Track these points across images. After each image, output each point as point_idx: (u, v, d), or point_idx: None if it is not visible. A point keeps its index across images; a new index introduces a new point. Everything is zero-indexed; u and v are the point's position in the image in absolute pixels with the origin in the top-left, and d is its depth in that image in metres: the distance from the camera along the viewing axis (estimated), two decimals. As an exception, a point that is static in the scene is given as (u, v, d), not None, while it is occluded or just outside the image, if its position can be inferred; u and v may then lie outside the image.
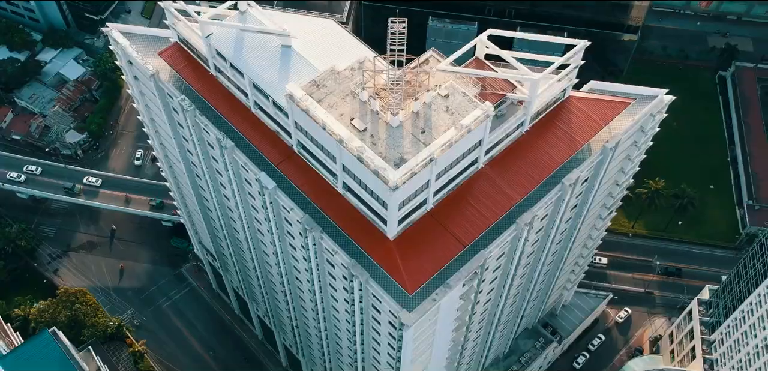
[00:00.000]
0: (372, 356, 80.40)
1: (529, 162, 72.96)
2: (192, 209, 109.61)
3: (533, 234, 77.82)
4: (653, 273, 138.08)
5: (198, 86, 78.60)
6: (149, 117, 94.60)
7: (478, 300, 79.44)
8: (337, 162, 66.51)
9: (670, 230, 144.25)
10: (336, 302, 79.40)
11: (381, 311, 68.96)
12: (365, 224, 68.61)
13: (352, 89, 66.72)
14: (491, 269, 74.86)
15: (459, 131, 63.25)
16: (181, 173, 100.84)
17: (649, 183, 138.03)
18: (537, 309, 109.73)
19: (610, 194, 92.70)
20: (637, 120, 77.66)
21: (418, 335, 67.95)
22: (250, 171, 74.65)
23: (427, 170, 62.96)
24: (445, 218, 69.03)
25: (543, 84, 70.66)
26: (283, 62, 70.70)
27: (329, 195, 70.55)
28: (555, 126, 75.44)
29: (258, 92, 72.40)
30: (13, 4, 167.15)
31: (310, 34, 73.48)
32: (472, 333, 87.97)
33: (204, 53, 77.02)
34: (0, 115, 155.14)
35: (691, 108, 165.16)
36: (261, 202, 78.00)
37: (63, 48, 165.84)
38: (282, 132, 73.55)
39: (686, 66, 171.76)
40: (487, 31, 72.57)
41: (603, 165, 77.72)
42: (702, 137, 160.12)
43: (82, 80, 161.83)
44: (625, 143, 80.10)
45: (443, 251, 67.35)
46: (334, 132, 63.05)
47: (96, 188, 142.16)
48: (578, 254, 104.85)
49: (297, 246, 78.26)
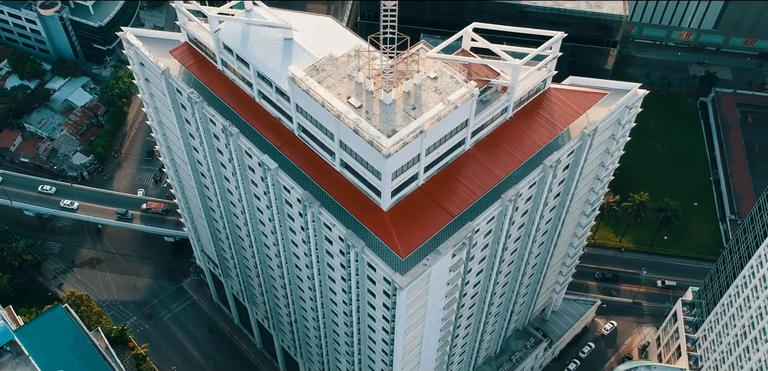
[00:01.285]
0: (368, 336, 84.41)
1: (512, 144, 78.77)
2: (196, 213, 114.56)
3: (519, 216, 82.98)
4: (641, 285, 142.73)
5: (205, 80, 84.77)
6: (158, 120, 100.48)
7: (467, 281, 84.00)
8: (335, 139, 72.18)
9: (656, 244, 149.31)
10: (333, 282, 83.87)
11: (376, 281, 73.54)
12: (361, 198, 73.88)
13: (348, 73, 72.89)
14: (479, 247, 79.75)
15: (446, 106, 69.15)
16: (186, 175, 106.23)
17: (634, 197, 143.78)
18: (527, 307, 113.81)
19: (592, 190, 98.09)
20: (613, 110, 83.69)
21: (411, 302, 72.44)
22: (254, 156, 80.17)
23: (417, 141, 68.59)
24: (435, 193, 74.39)
25: (524, 71, 76.95)
26: (286, 52, 77.02)
27: (327, 174, 76.02)
28: (537, 113, 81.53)
29: (262, 81, 78.51)
30: (25, 35, 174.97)
31: (310, 29, 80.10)
32: (463, 319, 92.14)
33: (212, 49, 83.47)
34: (9, 138, 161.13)
35: (674, 132, 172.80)
36: (263, 188, 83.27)
37: (71, 76, 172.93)
38: (283, 118, 79.38)
39: (669, 93, 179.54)
40: (473, 24, 79.23)
41: (582, 151, 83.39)
42: (685, 158, 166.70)
43: (89, 106, 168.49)
44: (602, 132, 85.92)
45: (433, 222, 72.49)
46: (332, 107, 68.91)
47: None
48: (565, 254, 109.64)
49: (297, 229, 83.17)
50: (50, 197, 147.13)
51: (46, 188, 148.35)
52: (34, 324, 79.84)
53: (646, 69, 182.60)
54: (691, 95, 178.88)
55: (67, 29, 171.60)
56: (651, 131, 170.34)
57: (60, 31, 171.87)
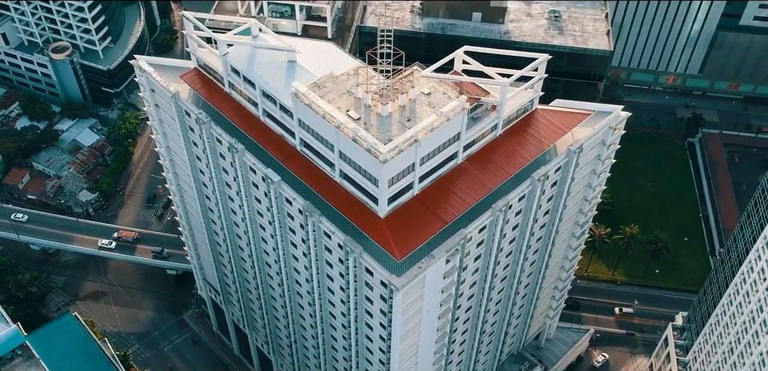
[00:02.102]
0: (365, 347, 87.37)
1: (502, 159, 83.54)
2: (199, 239, 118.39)
3: (509, 230, 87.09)
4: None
5: (213, 102, 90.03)
6: (166, 145, 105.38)
7: (461, 293, 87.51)
8: (335, 150, 76.94)
9: (648, 277, 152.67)
10: (332, 294, 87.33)
11: (373, 286, 77.13)
12: (359, 206, 78.19)
13: (348, 89, 78.19)
14: (472, 257, 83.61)
15: (439, 117, 74.20)
16: (191, 201, 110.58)
17: (625, 230, 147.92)
18: (521, 330, 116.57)
19: (580, 211, 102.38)
20: (597, 129, 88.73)
21: (407, 305, 75.87)
22: (258, 171, 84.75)
23: (412, 149, 73.35)
24: (429, 202, 78.75)
25: (512, 90, 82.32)
26: (289, 73, 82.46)
27: (327, 185, 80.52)
28: (525, 131, 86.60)
29: (267, 99, 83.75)
30: (36, 79, 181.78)
31: (312, 52, 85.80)
32: (458, 334, 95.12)
33: (220, 72, 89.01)
34: (18, 177, 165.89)
35: (663, 171, 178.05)
36: (266, 203, 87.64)
37: (79, 118, 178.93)
38: (286, 135, 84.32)
39: (658, 134, 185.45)
40: (464, 47, 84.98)
41: (569, 167, 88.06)
42: (675, 195, 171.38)
43: (96, 146, 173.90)
44: (588, 152, 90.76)
45: (428, 228, 76.65)
46: (333, 118, 73.92)
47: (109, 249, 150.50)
48: (556, 277, 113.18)
49: (297, 242, 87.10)
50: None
51: (18, 217, 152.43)
52: (44, 329, 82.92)
53: (635, 111, 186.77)
54: (679, 135, 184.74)
55: (77, 73, 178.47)
56: (641, 170, 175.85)
57: (70, 74, 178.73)
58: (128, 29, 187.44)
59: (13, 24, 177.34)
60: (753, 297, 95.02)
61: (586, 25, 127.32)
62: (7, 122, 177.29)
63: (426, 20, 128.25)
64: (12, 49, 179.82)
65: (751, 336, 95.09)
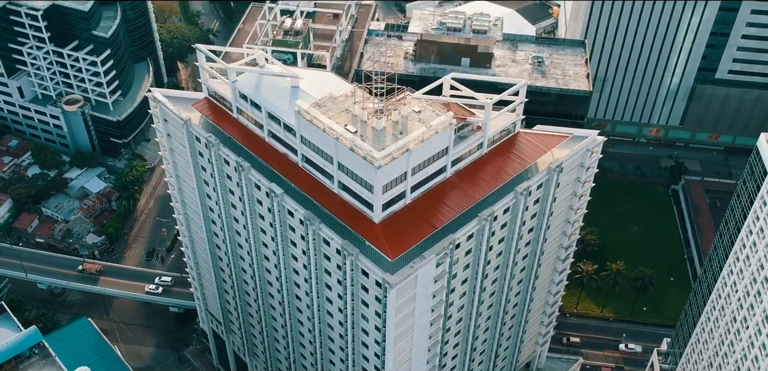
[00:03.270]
0: (361, 354, 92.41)
1: (488, 174, 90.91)
2: (203, 268, 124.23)
3: (496, 242, 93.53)
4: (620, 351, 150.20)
5: (222, 126, 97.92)
6: (176, 174, 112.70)
7: (452, 303, 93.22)
8: (334, 162, 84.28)
9: (635, 314, 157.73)
10: (330, 304, 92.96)
11: (369, 288, 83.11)
12: (356, 214, 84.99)
13: (346, 107, 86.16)
14: (461, 266, 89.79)
15: (428, 129, 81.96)
16: (197, 228, 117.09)
17: (611, 266, 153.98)
18: (512, 354, 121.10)
19: (564, 233, 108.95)
20: (575, 150, 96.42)
21: (400, 304, 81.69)
22: (263, 187, 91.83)
23: (404, 158, 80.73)
24: (420, 210, 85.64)
25: (495, 113, 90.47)
26: (293, 96, 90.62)
27: (327, 196, 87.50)
28: (508, 150, 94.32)
29: (272, 120, 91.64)
30: (48, 131, 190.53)
31: (314, 79, 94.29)
32: (449, 346, 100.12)
33: (229, 99, 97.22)
34: (27, 221, 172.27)
35: (649, 216, 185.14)
36: (270, 219, 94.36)
37: (88, 167, 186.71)
38: (289, 153, 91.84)
39: (643, 182, 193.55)
40: (451, 74, 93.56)
41: (550, 184, 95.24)
42: (660, 238, 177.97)
43: (103, 193, 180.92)
44: (568, 172, 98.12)
45: (419, 232, 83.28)
46: (332, 131, 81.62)
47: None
48: (544, 301, 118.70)
49: (298, 255, 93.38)
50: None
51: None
52: (60, 332, 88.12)
53: (621, 161, 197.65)
54: (663, 183, 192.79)
55: (88, 124, 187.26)
56: (627, 215, 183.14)
57: (80, 125, 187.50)
58: (137, 84, 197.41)
59: (29, 78, 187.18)
60: (727, 309, 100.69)
61: (567, 70, 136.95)
62: (19, 170, 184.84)
63: (418, 65, 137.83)
64: (27, 102, 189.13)
65: (727, 347, 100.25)
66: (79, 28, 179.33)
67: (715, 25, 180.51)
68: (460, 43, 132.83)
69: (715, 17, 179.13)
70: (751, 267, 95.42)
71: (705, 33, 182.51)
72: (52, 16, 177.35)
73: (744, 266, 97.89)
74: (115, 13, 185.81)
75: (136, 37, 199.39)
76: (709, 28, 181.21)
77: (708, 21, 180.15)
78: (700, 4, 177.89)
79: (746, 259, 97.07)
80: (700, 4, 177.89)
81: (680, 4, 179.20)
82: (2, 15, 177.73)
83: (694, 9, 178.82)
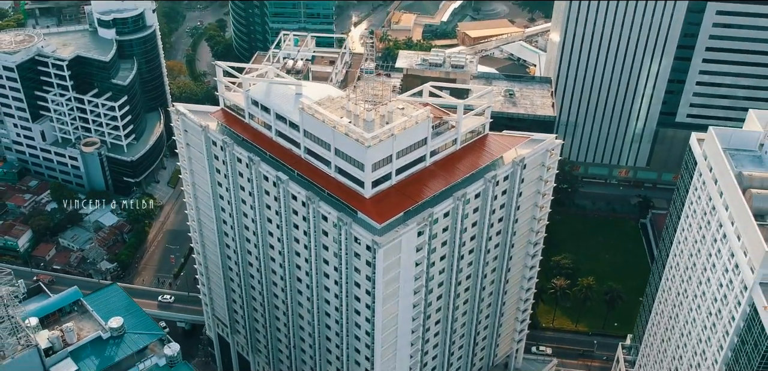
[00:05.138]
0: (354, 322, 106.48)
1: (461, 164, 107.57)
2: (213, 271, 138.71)
3: (469, 225, 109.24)
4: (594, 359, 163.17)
5: (236, 130, 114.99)
6: (192, 181, 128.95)
7: (432, 277, 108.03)
8: (331, 149, 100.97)
9: (607, 328, 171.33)
10: (327, 278, 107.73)
11: (360, 254, 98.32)
12: (350, 192, 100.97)
13: (341, 106, 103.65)
14: (440, 241, 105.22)
15: (410, 119, 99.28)
16: (209, 232, 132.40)
17: (581, 281, 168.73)
18: (490, 344, 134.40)
19: (531, 229, 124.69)
20: (536, 149, 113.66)
21: (387, 265, 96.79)
22: (270, 177, 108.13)
23: (389, 142, 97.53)
24: (404, 189, 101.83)
25: (467, 111, 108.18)
26: (296, 100, 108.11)
27: (325, 179, 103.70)
28: (479, 147, 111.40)
29: (279, 120, 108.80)
30: (65, 171, 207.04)
31: (314, 88, 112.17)
32: (431, 321, 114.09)
33: (242, 106, 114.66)
34: (45, 250, 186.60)
35: (620, 246, 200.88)
36: (276, 207, 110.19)
37: (101, 204, 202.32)
38: (294, 147, 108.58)
39: (614, 217, 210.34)
40: (430, 83, 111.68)
41: (516, 176, 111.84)
42: (630, 265, 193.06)
43: (116, 226, 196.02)
44: (530, 169, 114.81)
45: (402, 204, 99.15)
46: (331, 120, 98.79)
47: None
48: (518, 296, 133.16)
49: (300, 237, 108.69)
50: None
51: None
52: (95, 294, 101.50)
53: (593, 200, 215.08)
54: (633, 218, 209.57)
55: (103, 164, 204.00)
56: (599, 246, 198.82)
57: (96, 165, 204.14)
58: (149, 130, 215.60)
59: (50, 123, 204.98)
60: (673, 287, 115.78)
61: (535, 100, 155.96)
62: (38, 206, 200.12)
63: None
64: (48, 145, 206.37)
65: (673, 321, 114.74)
66: (99, 76, 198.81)
67: (672, 73, 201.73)
68: (440, 77, 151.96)
69: (671, 66, 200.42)
70: (689, 244, 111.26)
71: (664, 80, 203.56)
72: (76, 65, 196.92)
73: (684, 246, 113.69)
74: (132, 65, 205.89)
75: (149, 89, 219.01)
76: (667, 76, 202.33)
77: (665, 70, 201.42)
78: (658, 55, 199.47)
79: (685, 239, 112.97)
80: (658, 55, 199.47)
81: (640, 56, 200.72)
82: (31, 65, 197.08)
83: (653, 59, 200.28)
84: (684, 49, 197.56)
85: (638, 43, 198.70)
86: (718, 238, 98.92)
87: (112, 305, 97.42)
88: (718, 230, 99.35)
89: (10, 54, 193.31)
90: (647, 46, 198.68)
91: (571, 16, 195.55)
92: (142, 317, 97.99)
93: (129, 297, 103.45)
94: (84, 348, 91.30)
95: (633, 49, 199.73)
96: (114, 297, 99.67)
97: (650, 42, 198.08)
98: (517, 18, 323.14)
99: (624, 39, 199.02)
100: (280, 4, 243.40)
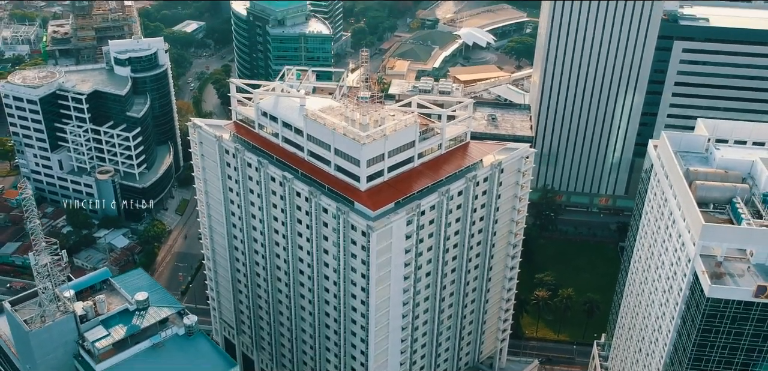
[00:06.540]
0: (351, 303, 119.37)
1: (445, 165, 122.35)
2: (222, 274, 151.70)
3: (453, 220, 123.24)
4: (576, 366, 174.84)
5: (246, 138, 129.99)
6: (205, 189, 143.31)
7: (420, 266, 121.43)
8: (331, 149, 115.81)
9: (588, 338, 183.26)
10: (327, 267, 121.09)
11: (356, 241, 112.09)
12: (348, 186, 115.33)
13: (340, 113, 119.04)
14: (427, 232, 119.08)
15: (399, 122, 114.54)
16: (220, 237, 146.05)
17: (561, 293, 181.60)
18: (475, 340, 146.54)
19: (511, 231, 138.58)
20: (512, 155, 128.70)
21: (380, 249, 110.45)
22: (277, 178, 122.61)
23: (382, 141, 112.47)
24: (394, 185, 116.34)
25: (450, 119, 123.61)
26: (301, 110, 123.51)
27: (326, 177, 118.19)
28: (461, 152, 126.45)
29: (285, 127, 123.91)
30: (80, 199, 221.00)
31: (317, 100, 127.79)
32: (420, 309, 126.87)
33: (253, 118, 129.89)
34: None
35: (601, 267, 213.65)
36: (281, 207, 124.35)
37: (114, 228, 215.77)
38: (298, 151, 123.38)
39: (595, 241, 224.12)
40: (418, 96, 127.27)
41: (494, 179, 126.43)
42: (610, 284, 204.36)
43: (127, 247, 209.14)
44: (508, 174, 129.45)
45: (393, 196, 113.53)
46: (331, 122, 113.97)
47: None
48: (500, 296, 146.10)
49: (303, 231, 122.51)
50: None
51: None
52: (121, 275, 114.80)
53: (575, 226, 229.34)
54: (613, 242, 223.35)
55: (116, 191, 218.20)
56: (581, 267, 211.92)
57: (109, 192, 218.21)
58: (159, 161, 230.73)
59: (68, 153, 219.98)
60: (637, 277, 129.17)
61: (515, 124, 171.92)
62: (55, 229, 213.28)
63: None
64: (65, 174, 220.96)
65: (636, 308, 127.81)
66: (115, 109, 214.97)
67: (645, 107, 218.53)
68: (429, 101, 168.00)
69: (644, 100, 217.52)
70: (648, 236, 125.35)
71: (637, 113, 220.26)
72: (94, 99, 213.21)
73: (644, 239, 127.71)
74: (145, 100, 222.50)
75: (160, 123, 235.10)
76: (641, 109, 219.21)
77: (639, 104, 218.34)
78: (631, 90, 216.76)
79: (645, 233, 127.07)
80: (631, 90, 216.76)
81: (615, 91, 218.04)
82: (52, 99, 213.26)
83: (626, 94, 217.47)
84: (655, 84, 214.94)
85: (612, 80, 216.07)
86: (669, 224, 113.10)
87: (137, 285, 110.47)
88: (669, 217, 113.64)
89: (33, 88, 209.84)
90: (621, 82, 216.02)
91: (550, 55, 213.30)
92: (164, 294, 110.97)
93: (152, 278, 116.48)
94: (113, 317, 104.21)
95: (608, 86, 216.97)
96: (138, 279, 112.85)
97: (623, 78, 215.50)
98: (505, 65, 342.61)
99: (599, 76, 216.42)
100: (281, 47, 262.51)
